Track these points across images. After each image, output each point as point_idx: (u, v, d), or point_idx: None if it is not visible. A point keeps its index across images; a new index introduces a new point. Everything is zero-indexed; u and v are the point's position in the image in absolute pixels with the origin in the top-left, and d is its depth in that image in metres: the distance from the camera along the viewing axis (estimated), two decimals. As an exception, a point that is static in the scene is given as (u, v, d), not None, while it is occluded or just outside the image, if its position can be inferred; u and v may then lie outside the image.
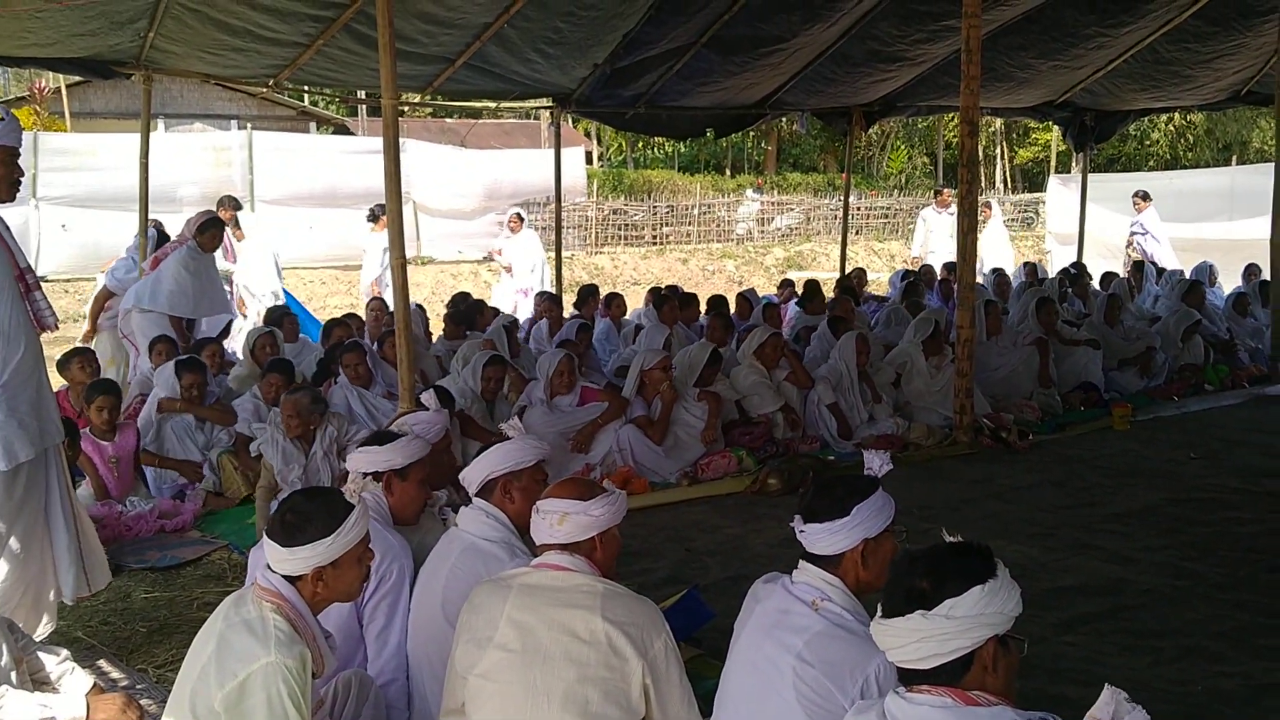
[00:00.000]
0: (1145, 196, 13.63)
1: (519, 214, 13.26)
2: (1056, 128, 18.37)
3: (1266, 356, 9.77)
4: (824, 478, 3.90)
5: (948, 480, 6.59)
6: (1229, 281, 11.98)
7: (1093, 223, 14.25)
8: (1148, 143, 29.10)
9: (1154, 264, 12.86)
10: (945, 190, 13.96)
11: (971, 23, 6.93)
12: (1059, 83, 11.32)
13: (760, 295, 10.97)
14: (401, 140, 7.58)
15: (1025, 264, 13.21)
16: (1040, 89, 11.47)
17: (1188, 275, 11.45)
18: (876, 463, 2.78)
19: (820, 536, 2.59)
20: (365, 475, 3.57)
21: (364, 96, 14.82)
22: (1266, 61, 10.63)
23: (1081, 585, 4.72)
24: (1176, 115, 25.43)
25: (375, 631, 3.29)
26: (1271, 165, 7.39)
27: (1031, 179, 32.07)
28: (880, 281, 17.08)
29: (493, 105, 23.64)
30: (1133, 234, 13.80)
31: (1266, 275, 9.40)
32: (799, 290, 11.00)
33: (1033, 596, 4.57)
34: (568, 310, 10.22)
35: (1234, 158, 26.33)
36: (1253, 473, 6.59)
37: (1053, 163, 27.64)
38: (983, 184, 30.09)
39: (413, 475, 3.58)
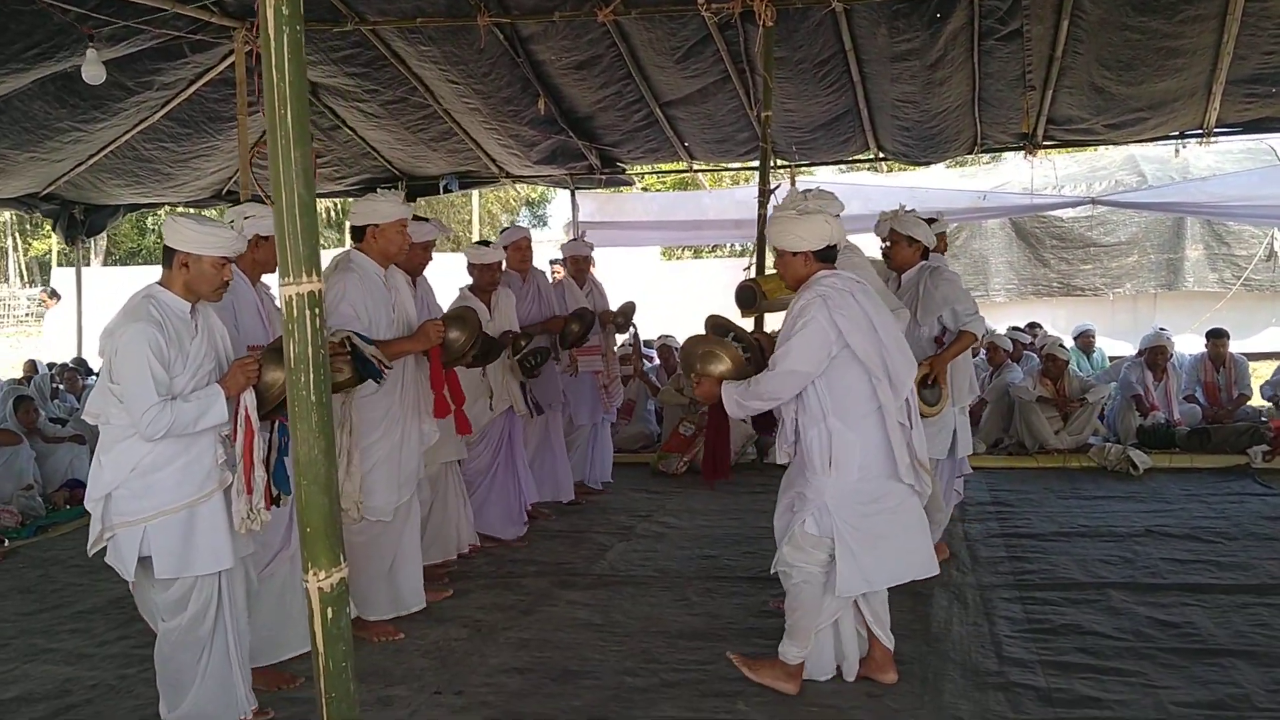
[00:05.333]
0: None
1: None
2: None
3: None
4: None
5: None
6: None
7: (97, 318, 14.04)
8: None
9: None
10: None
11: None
12: (40, 175, 11.00)
13: None
14: None
15: (28, 361, 12.63)
16: (22, 180, 11.02)
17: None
18: None
19: None
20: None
21: None
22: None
23: (27, 693, 4.55)
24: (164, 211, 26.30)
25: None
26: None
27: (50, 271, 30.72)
28: None
29: None
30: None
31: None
32: None
33: (-26, 721, 4.36)
34: None
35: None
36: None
37: (55, 254, 26.76)
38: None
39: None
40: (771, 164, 9.99)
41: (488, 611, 5.48)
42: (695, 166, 12.32)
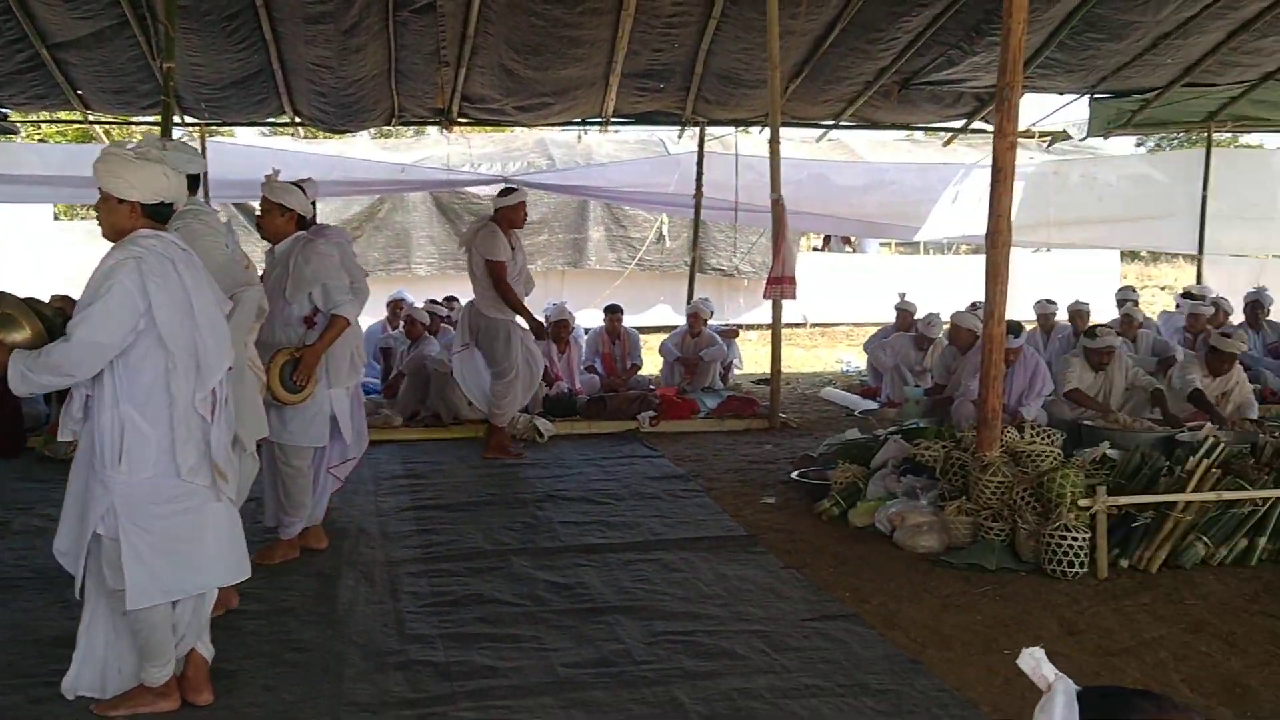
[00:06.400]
0: None
1: None
2: None
3: None
4: None
5: None
6: None
7: None
8: None
9: None
10: None
11: None
12: None
13: None
14: None
15: None
16: None
17: None
18: None
19: None
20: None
21: None
22: None
23: None
24: None
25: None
26: None
27: None
28: None
29: None
30: None
31: None
32: None
33: None
34: None
35: None
36: None
37: None
38: None
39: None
40: (179, 120, 9.28)
41: None
42: (92, 118, 11.10)
